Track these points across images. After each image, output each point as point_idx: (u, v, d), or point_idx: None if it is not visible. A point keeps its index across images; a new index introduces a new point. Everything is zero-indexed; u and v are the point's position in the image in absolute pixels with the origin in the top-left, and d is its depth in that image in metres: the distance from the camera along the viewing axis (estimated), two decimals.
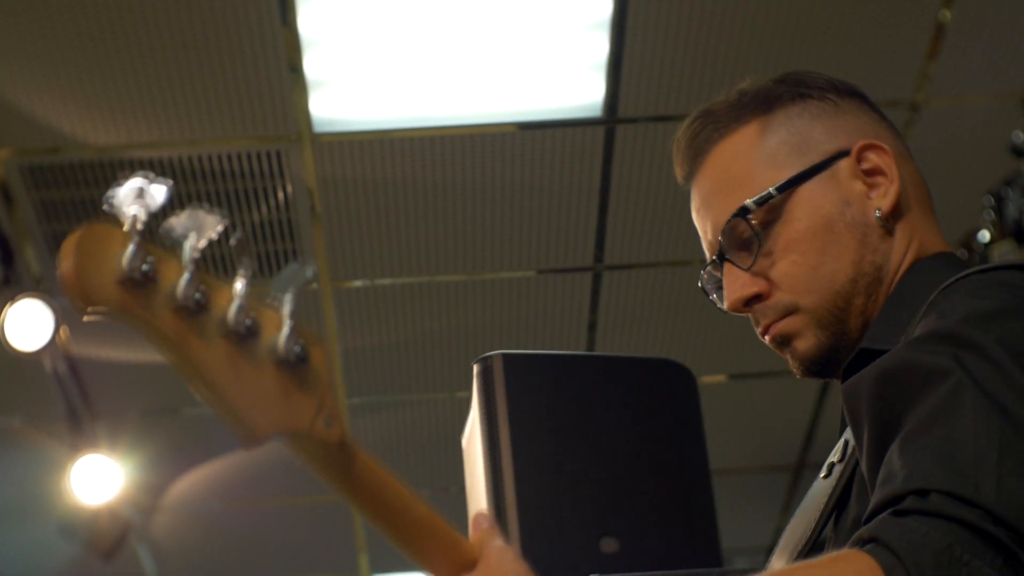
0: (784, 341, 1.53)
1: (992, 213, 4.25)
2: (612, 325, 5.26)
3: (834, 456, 1.43)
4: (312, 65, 4.16)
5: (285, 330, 1.24)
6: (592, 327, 5.28)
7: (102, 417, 5.38)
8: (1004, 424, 1.18)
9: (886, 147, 1.54)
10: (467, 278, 5.01)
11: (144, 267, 1.15)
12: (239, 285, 1.22)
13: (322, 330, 5.15)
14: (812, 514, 1.43)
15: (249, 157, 4.45)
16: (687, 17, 4.09)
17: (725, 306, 1.56)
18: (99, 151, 4.37)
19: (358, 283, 5.00)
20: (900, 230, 1.53)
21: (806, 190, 1.52)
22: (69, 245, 1.13)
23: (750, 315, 1.55)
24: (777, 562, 1.48)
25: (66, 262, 1.13)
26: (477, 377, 2.06)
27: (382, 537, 1.31)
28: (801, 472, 6.05)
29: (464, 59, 4.20)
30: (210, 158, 4.44)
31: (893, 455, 1.21)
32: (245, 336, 1.21)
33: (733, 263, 1.54)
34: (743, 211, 1.52)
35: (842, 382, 1.47)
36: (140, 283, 1.15)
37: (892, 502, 1.17)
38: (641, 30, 4.12)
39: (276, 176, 4.53)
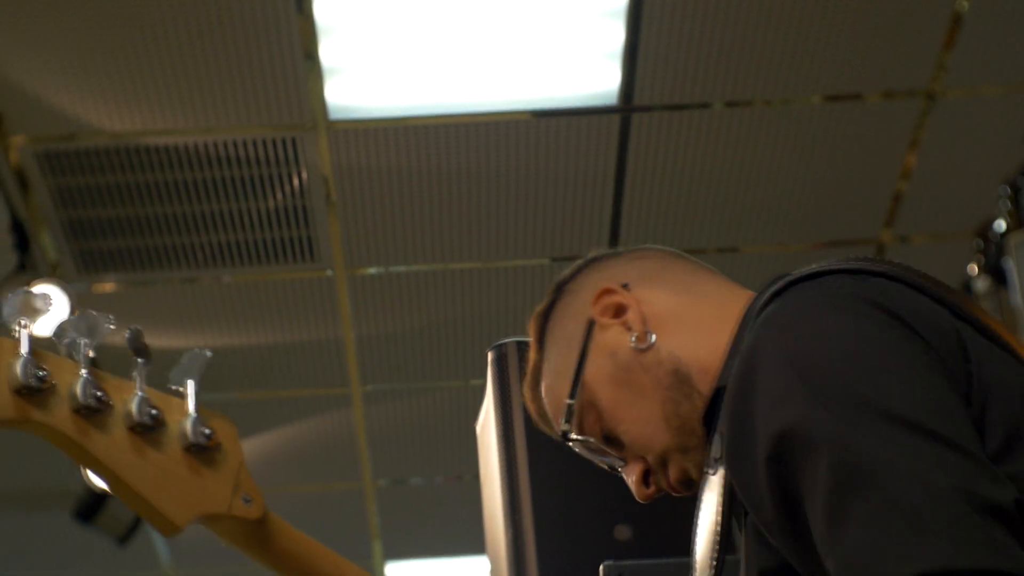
0: (687, 483, 1.56)
1: (1008, 203, 4.25)
2: None
3: (715, 451, 1.47)
4: (327, 52, 4.16)
5: (191, 416, 1.26)
6: None
7: None
8: (901, 518, 1.19)
9: (611, 285, 1.59)
10: (481, 266, 5.01)
11: (39, 373, 1.20)
12: (139, 379, 1.25)
13: (337, 317, 5.16)
14: (715, 509, 1.46)
15: (264, 144, 4.45)
16: (703, 5, 4.08)
17: (640, 498, 1.59)
18: (115, 138, 4.38)
19: (373, 270, 5.00)
20: (668, 332, 1.56)
21: (589, 375, 1.58)
22: None
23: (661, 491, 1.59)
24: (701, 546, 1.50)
25: None
26: (491, 364, 2.06)
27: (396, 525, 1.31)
28: None
29: (479, 47, 4.19)
30: (225, 145, 4.44)
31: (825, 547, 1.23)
32: (151, 427, 1.23)
33: (613, 457, 1.59)
34: (565, 435, 1.59)
35: (706, 423, 1.51)
36: (37, 390, 1.19)
37: None
38: (657, 18, 4.12)
39: (291, 163, 4.53)
